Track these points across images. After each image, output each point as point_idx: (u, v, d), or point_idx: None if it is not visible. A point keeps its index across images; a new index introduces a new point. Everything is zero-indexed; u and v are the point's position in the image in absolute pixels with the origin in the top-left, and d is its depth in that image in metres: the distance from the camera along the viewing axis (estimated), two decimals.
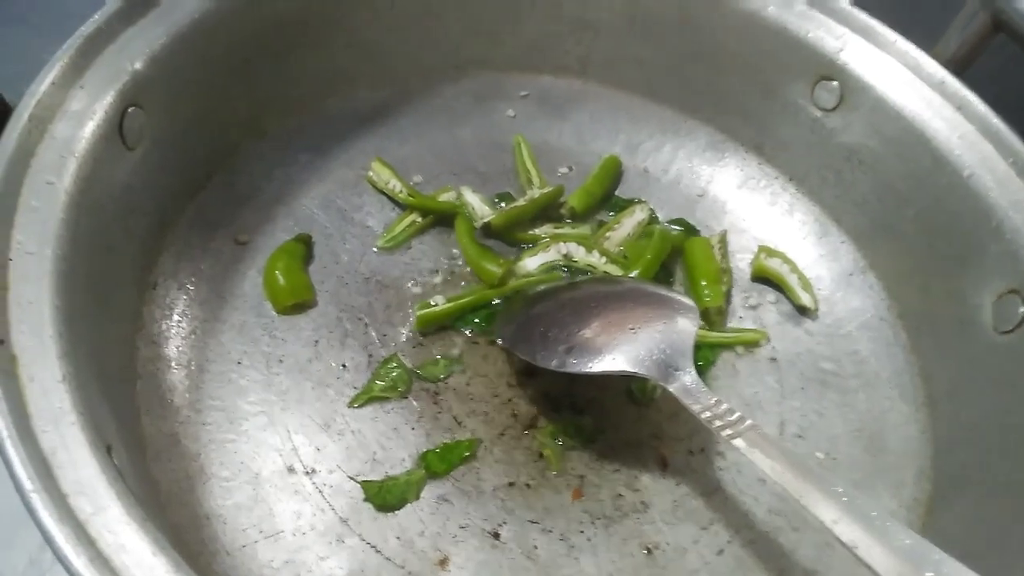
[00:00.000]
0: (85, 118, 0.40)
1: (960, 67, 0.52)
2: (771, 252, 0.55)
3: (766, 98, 0.57)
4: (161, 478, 0.42)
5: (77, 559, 0.27)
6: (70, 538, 0.27)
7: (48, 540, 0.27)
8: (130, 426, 0.41)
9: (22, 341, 0.32)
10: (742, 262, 0.57)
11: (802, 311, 0.54)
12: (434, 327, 0.50)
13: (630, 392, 0.49)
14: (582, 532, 0.44)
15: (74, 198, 0.37)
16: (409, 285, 0.52)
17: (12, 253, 0.34)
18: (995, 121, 0.48)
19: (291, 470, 0.44)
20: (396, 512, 0.44)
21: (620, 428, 0.48)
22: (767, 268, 0.55)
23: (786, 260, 0.55)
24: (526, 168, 0.58)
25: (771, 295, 0.55)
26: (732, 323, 0.54)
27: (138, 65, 0.43)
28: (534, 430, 0.47)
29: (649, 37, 0.59)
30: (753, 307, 0.54)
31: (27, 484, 0.28)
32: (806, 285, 0.54)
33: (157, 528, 0.29)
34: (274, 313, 0.49)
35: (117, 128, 0.41)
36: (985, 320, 0.45)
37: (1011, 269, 0.44)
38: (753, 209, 0.59)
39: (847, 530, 0.34)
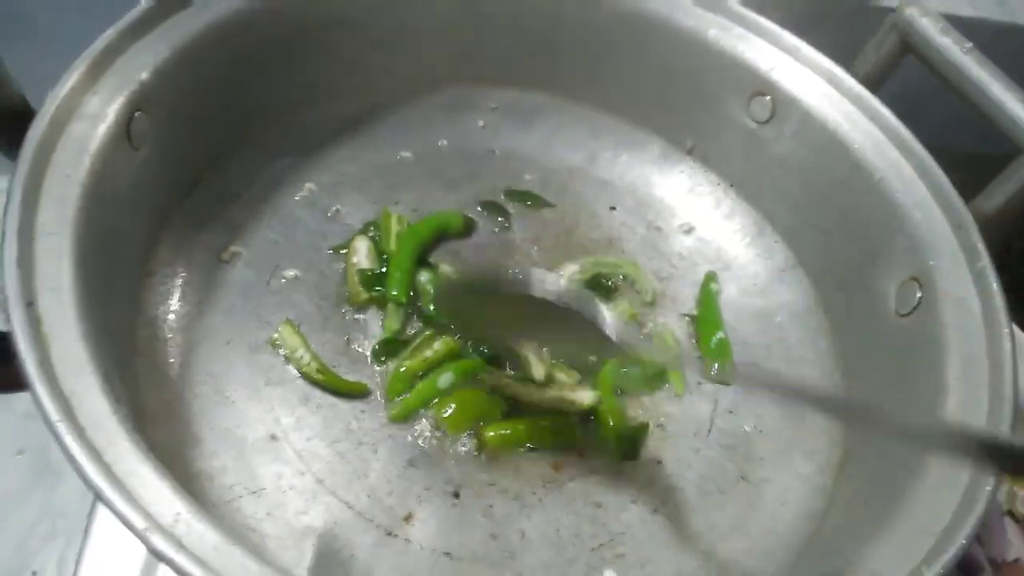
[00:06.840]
0: (98, 120, 0.45)
1: (875, 83, 0.58)
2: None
3: (709, 111, 0.63)
4: (156, 441, 0.46)
5: (97, 477, 0.32)
6: (89, 459, 0.32)
7: (71, 462, 0.32)
8: (130, 394, 0.46)
9: (45, 304, 0.37)
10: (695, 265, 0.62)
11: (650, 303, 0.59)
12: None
13: None
14: (534, 493, 0.50)
15: (87, 189, 0.42)
16: None
17: (36, 233, 0.39)
18: (903, 131, 0.54)
19: (273, 437, 0.49)
20: (367, 475, 0.49)
21: None
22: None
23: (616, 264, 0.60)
24: None
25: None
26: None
27: (144, 76, 0.48)
28: None
29: (606, 56, 0.64)
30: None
31: (53, 416, 0.33)
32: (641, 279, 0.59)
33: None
34: (259, 298, 0.55)
35: (125, 130, 0.46)
36: (890, 305, 0.51)
37: (912, 259, 0.51)
38: (699, 212, 0.65)
39: None
